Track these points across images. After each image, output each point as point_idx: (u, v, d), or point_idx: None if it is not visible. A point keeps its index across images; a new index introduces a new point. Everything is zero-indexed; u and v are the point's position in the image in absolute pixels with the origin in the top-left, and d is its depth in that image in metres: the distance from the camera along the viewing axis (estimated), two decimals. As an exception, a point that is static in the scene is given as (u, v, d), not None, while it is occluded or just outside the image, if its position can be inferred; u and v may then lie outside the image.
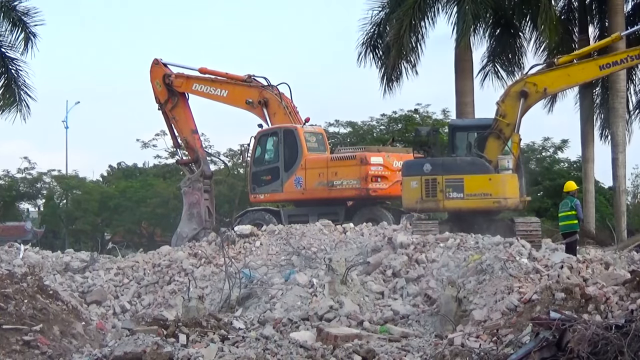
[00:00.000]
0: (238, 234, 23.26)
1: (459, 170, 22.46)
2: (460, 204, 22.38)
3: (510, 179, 21.98)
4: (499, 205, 22.11)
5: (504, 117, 22.09)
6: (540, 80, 21.77)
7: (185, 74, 29.93)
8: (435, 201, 22.69)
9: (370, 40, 33.19)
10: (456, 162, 22.84)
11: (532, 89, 21.67)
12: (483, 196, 22.02)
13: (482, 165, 22.35)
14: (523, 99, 21.65)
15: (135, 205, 44.97)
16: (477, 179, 22.10)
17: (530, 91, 21.63)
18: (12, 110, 31.60)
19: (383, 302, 18.04)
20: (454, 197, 22.24)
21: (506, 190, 21.92)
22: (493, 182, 22.04)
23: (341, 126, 46.13)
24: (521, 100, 21.68)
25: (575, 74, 21.54)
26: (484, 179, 22.08)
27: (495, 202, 22.04)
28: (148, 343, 12.42)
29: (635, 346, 9.43)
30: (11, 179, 48.92)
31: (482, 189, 22.04)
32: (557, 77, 21.74)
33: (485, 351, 11.41)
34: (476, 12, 30.59)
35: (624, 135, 31.97)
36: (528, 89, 21.71)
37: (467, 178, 22.23)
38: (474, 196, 22.07)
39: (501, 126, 22.22)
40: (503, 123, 22.16)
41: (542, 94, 21.69)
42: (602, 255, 20.50)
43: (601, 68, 21.16)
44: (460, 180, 22.23)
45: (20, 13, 31.36)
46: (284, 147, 27.50)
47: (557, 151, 44.37)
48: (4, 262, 21.45)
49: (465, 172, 22.34)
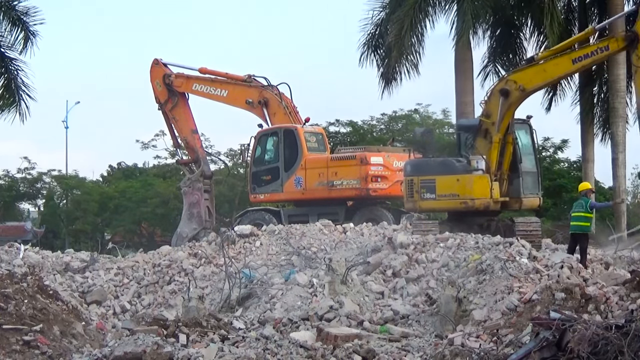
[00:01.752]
0: (238, 234, 23.26)
1: (431, 171, 22.59)
2: (433, 205, 22.50)
3: (478, 180, 21.81)
4: (466, 205, 22.04)
5: (488, 117, 21.96)
6: (519, 78, 21.61)
7: (185, 74, 29.95)
8: (413, 201, 22.97)
9: (371, 40, 33.19)
10: (429, 163, 23.00)
11: (512, 87, 21.48)
12: (452, 197, 22.10)
13: (451, 166, 22.37)
14: (503, 98, 21.48)
15: (135, 205, 44.96)
16: (447, 179, 22.18)
17: (511, 89, 21.42)
18: (12, 111, 31.59)
19: (383, 302, 18.04)
20: (428, 198, 22.36)
21: (473, 191, 21.84)
22: (461, 182, 22.05)
23: (341, 126, 46.18)
24: (501, 99, 21.51)
25: (551, 69, 21.31)
26: (452, 180, 22.15)
27: (462, 203, 22.05)
28: (148, 343, 12.42)
29: (635, 346, 9.43)
30: (11, 179, 48.91)
31: (451, 190, 22.10)
32: (535, 73, 21.52)
33: (485, 351, 11.41)
34: (476, 11, 30.58)
35: (624, 135, 31.94)
36: (509, 87, 21.52)
37: (438, 179, 22.34)
38: (444, 197, 22.17)
39: (487, 126, 22.05)
40: (488, 123, 22.01)
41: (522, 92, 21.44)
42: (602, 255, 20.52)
43: (574, 62, 20.97)
44: (433, 181, 22.33)
45: (20, 12, 31.34)
46: (284, 147, 27.51)
47: (557, 151, 44.33)
48: (4, 262, 21.44)
49: (436, 172, 22.44)
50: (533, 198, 22.79)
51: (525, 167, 22.66)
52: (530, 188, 22.76)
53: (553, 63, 21.24)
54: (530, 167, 22.94)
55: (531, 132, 22.91)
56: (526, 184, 22.56)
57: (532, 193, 22.76)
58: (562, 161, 44.63)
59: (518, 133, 22.69)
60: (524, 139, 22.97)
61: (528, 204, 22.96)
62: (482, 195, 21.75)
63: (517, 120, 22.80)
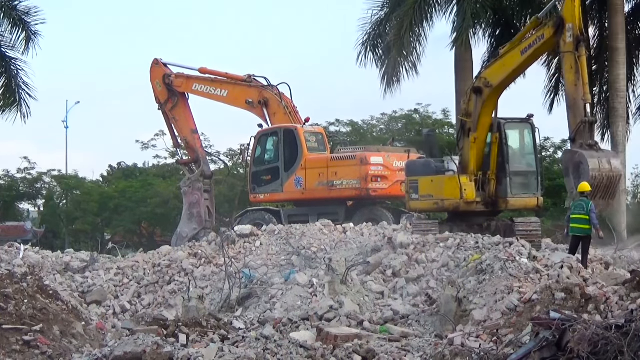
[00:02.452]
0: (238, 234, 23.27)
1: (416, 172, 22.74)
2: (418, 205, 22.67)
3: (448, 181, 21.80)
4: (437, 206, 22.17)
5: (469, 117, 21.90)
6: (487, 74, 21.51)
7: (185, 74, 29.98)
8: (405, 202, 23.40)
9: (370, 39, 33.17)
10: (415, 164, 23.13)
11: (482, 84, 21.40)
12: (428, 197, 22.23)
13: (429, 167, 22.46)
14: (476, 96, 21.40)
15: (135, 205, 44.95)
16: (425, 180, 22.36)
17: (482, 86, 21.36)
18: (13, 110, 31.60)
19: (383, 302, 18.05)
20: (414, 198, 22.51)
21: (444, 192, 21.89)
22: (434, 183, 22.15)
23: (341, 126, 46.19)
24: (475, 97, 21.44)
25: (507, 62, 21.12)
26: (428, 181, 22.26)
27: (435, 204, 22.17)
28: (148, 343, 12.42)
29: (635, 346, 9.43)
30: (11, 179, 48.87)
31: (427, 191, 22.28)
32: (498, 68, 21.36)
33: (485, 351, 11.41)
34: (476, 11, 30.57)
35: (624, 135, 31.95)
36: (480, 84, 21.46)
37: (420, 180, 22.49)
38: (424, 197, 22.36)
39: (469, 126, 21.98)
40: (470, 123, 21.94)
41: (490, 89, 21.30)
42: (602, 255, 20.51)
43: (522, 53, 20.81)
44: (416, 182, 22.44)
45: (21, 12, 31.35)
46: (284, 147, 27.52)
47: (557, 151, 44.32)
48: (4, 262, 21.45)
49: (419, 174, 22.57)
50: (526, 198, 22.43)
51: (516, 166, 22.34)
52: (523, 188, 22.44)
53: (509, 56, 21.16)
54: (525, 167, 22.61)
55: (532, 132, 22.73)
56: (515, 184, 22.23)
57: (526, 193, 22.41)
58: (562, 161, 44.65)
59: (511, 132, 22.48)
60: (524, 138, 22.79)
61: (518, 205, 22.54)
62: (451, 196, 21.71)
63: (515, 119, 22.65)
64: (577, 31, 19.30)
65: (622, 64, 31.31)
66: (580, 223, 19.00)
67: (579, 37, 19.32)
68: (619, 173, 17.99)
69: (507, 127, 22.21)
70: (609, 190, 17.94)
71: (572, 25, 19.33)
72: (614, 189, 18.06)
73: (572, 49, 19.35)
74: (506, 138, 22.10)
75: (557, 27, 19.57)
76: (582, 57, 19.27)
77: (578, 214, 19.09)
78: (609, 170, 17.92)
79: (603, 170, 17.87)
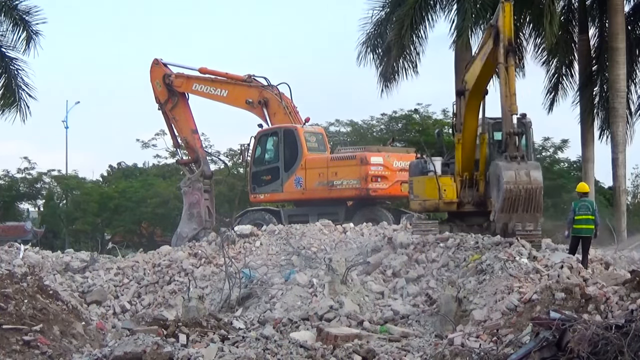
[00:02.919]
0: (238, 234, 23.27)
1: (411, 173, 22.84)
2: (413, 205, 22.71)
3: (428, 181, 21.82)
4: (420, 207, 22.19)
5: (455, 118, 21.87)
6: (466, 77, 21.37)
7: (185, 74, 29.99)
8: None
9: (370, 39, 33.18)
10: (411, 165, 23.17)
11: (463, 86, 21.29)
12: (416, 197, 22.34)
13: (418, 168, 22.53)
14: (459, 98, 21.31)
15: (135, 205, 44.94)
16: (415, 180, 22.48)
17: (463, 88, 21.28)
18: (12, 110, 31.60)
19: (383, 302, 18.05)
20: (412, 198, 22.57)
21: (425, 192, 21.93)
22: (420, 183, 22.25)
23: (341, 126, 46.19)
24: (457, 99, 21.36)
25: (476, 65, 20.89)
26: (415, 181, 22.41)
27: (419, 204, 22.24)
28: (148, 343, 12.42)
29: (635, 346, 9.43)
30: (11, 179, 48.86)
31: (416, 191, 22.43)
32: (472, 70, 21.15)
33: (485, 351, 11.41)
34: (476, 11, 30.57)
35: (624, 135, 31.95)
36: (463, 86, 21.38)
37: (413, 180, 22.62)
38: (416, 198, 22.44)
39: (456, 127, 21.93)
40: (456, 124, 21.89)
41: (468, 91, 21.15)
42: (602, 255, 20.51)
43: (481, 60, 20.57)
44: (412, 182, 22.51)
45: (22, 12, 31.35)
46: (284, 147, 27.53)
47: (557, 151, 44.38)
48: (4, 262, 21.47)
49: (412, 174, 22.65)
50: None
51: None
52: None
53: (475, 61, 21.03)
54: None
55: (525, 131, 22.55)
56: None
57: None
58: (562, 161, 44.68)
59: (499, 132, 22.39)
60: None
61: None
62: (431, 197, 21.75)
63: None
64: (506, 41, 18.98)
65: (622, 64, 31.31)
66: (587, 223, 19.01)
67: (508, 48, 18.95)
68: (538, 185, 17.31)
69: (494, 127, 22.14)
70: (532, 203, 17.36)
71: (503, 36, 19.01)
72: (536, 202, 17.44)
73: (503, 60, 18.85)
74: (492, 138, 22.06)
75: (495, 36, 19.38)
76: (510, 68, 18.65)
77: (584, 215, 19.06)
78: (527, 182, 17.30)
79: (520, 182, 17.28)
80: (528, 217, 17.85)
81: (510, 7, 19.13)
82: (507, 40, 18.84)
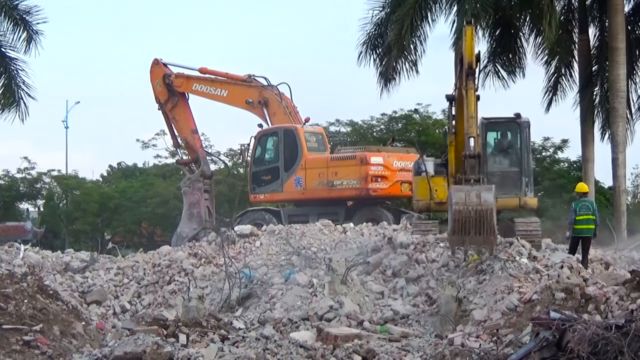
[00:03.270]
0: (238, 234, 23.27)
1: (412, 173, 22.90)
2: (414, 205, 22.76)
3: (421, 182, 21.89)
4: (415, 207, 22.38)
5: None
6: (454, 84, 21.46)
7: (185, 74, 29.99)
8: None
9: (370, 40, 33.17)
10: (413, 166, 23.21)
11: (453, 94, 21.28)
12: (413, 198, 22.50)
13: (414, 168, 22.59)
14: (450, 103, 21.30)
15: (135, 205, 44.95)
16: (413, 181, 22.59)
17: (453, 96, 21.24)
18: (12, 110, 31.59)
19: (383, 302, 18.05)
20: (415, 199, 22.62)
21: (418, 193, 22.06)
22: (415, 184, 22.37)
23: (341, 126, 46.19)
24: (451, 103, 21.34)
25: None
26: (413, 182, 22.54)
27: (414, 204, 22.39)
28: (148, 343, 12.42)
29: (635, 346, 9.43)
30: (11, 179, 48.86)
31: (413, 191, 22.53)
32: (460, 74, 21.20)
33: (485, 351, 11.41)
34: (476, 11, 30.57)
35: (624, 135, 31.93)
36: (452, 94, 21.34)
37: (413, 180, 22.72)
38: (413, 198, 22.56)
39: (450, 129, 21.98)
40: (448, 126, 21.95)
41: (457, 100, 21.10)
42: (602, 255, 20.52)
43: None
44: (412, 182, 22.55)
45: (22, 12, 31.34)
46: (284, 147, 27.53)
47: (557, 151, 44.37)
48: (4, 262, 21.47)
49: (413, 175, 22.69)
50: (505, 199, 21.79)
51: (495, 167, 22.16)
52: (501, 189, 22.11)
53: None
54: (505, 167, 22.40)
55: (520, 131, 22.45)
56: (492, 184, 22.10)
57: (506, 194, 22.14)
58: (562, 161, 44.68)
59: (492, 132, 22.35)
60: (507, 137, 22.58)
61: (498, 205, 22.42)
62: (422, 197, 21.83)
63: (500, 119, 22.43)
64: (466, 65, 18.93)
65: (622, 64, 31.30)
66: (588, 224, 19.04)
67: (468, 71, 18.84)
68: (489, 207, 17.07)
69: (488, 127, 22.14)
70: (483, 225, 17.15)
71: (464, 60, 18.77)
72: (488, 224, 17.24)
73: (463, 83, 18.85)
74: (485, 138, 22.06)
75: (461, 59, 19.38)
76: (469, 91, 18.54)
77: (585, 215, 19.08)
78: (477, 204, 17.06)
79: (469, 204, 17.06)
80: (481, 240, 17.33)
81: (472, 31, 19.18)
82: (467, 64, 18.81)
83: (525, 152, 22.29)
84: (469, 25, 19.18)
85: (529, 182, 22.34)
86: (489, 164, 21.99)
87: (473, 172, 18.14)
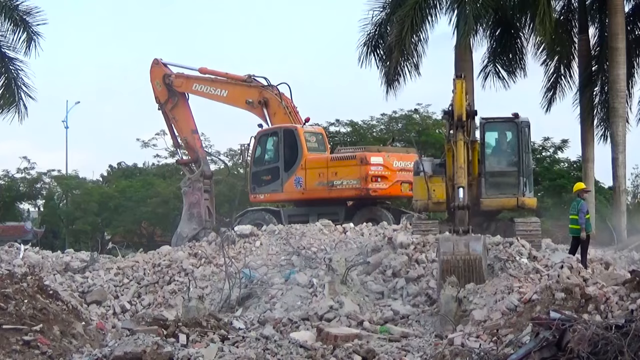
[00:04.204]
0: (238, 234, 23.27)
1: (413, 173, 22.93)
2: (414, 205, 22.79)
3: (419, 181, 21.99)
4: (415, 206, 22.43)
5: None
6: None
7: (185, 74, 29.99)
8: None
9: (371, 40, 33.17)
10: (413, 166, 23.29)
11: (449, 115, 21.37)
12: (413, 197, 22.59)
13: (414, 168, 22.62)
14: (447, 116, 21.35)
15: (135, 205, 44.95)
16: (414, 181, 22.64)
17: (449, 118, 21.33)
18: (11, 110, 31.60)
19: (383, 302, 18.05)
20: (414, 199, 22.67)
21: (416, 193, 22.14)
22: (414, 184, 22.47)
23: (341, 126, 46.19)
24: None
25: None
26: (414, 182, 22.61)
27: (414, 204, 22.49)
28: (148, 343, 12.42)
29: (635, 346, 9.42)
30: (11, 179, 48.85)
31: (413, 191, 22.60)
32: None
33: (485, 351, 11.40)
34: (477, 12, 30.57)
35: (624, 135, 31.96)
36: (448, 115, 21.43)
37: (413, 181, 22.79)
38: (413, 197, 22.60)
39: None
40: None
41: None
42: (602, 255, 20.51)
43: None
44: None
45: (22, 13, 31.34)
46: (284, 147, 27.52)
47: (557, 151, 44.37)
48: (4, 262, 21.48)
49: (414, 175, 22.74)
50: (503, 199, 22.04)
51: (493, 166, 22.19)
52: (499, 188, 22.13)
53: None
54: (503, 167, 22.39)
55: (518, 131, 22.41)
56: (490, 184, 22.05)
57: (503, 193, 22.18)
58: (562, 161, 44.68)
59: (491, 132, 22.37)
60: (505, 137, 22.59)
61: (494, 205, 22.15)
62: (420, 197, 21.89)
63: (498, 119, 22.44)
64: (456, 117, 19.09)
65: (622, 64, 31.32)
66: (573, 223, 19.04)
67: (457, 124, 19.06)
68: (477, 256, 17.27)
69: (486, 127, 22.16)
70: (472, 275, 17.30)
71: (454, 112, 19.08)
72: (478, 272, 17.38)
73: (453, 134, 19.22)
74: (483, 138, 22.09)
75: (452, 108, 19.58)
76: (458, 142, 18.91)
77: (571, 215, 19.16)
78: (465, 254, 17.16)
79: (457, 254, 17.18)
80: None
81: (462, 84, 19.43)
82: (457, 116, 19.13)
83: (523, 152, 22.26)
84: (459, 79, 19.46)
85: (528, 182, 22.32)
86: (487, 164, 22.01)
87: (462, 224, 18.28)
